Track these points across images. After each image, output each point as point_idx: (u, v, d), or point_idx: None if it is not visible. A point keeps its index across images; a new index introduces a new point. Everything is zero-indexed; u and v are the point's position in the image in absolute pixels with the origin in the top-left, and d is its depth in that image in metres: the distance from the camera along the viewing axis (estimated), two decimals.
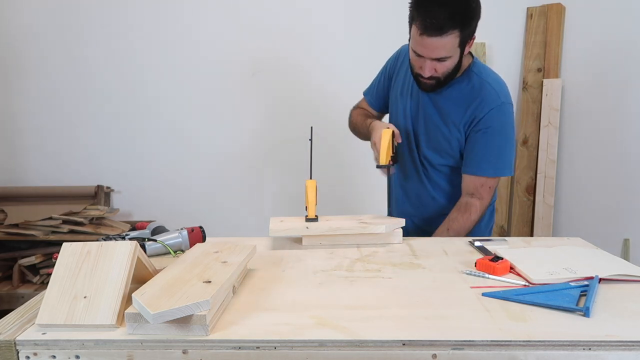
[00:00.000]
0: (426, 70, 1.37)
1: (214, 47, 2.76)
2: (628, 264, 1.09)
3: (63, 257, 0.88)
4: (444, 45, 1.29)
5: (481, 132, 1.43)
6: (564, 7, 2.65)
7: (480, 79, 1.44)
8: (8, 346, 0.77)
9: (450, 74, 1.41)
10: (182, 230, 1.25)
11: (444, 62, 1.35)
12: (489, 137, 1.43)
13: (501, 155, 1.46)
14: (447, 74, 1.39)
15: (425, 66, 1.37)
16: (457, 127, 1.47)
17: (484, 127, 1.43)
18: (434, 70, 1.37)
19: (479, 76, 1.45)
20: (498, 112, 1.41)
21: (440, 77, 1.40)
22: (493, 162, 1.45)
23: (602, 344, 0.76)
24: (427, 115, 1.51)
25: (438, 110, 1.49)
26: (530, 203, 2.77)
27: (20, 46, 2.75)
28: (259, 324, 0.83)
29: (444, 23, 1.26)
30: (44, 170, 2.85)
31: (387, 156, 1.39)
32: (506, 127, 1.44)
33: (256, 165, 2.87)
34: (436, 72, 1.38)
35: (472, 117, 1.43)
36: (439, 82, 1.42)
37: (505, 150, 1.46)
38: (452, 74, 1.41)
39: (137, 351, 0.77)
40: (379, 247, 1.29)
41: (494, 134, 1.43)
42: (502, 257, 1.09)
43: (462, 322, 0.83)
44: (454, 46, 1.31)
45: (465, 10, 1.29)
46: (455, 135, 1.48)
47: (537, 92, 2.71)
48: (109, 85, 2.79)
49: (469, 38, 1.35)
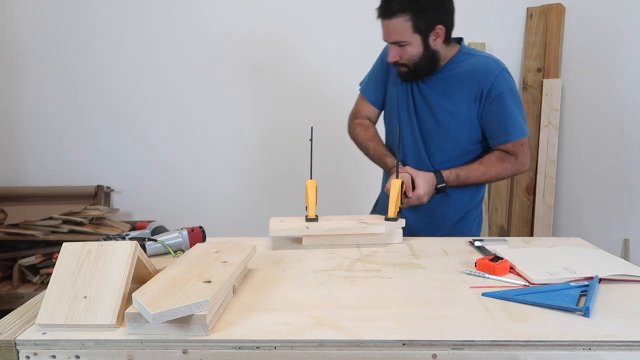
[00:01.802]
0: (390, 55, 1.45)
1: (214, 47, 2.76)
2: (628, 264, 1.09)
3: (63, 257, 0.88)
4: (395, 28, 1.39)
5: (496, 101, 1.46)
6: (564, 7, 2.65)
7: (475, 55, 1.51)
8: (8, 346, 0.77)
9: (423, 64, 1.45)
10: (182, 230, 1.25)
11: (404, 47, 1.42)
12: (504, 102, 1.46)
13: (520, 116, 1.50)
14: (415, 62, 1.44)
15: (390, 51, 1.45)
16: (467, 103, 1.48)
17: (496, 94, 1.45)
18: (398, 56, 1.44)
19: (472, 54, 1.51)
20: (503, 77, 1.46)
21: (408, 65, 1.45)
22: (516, 124, 1.48)
23: (602, 344, 0.75)
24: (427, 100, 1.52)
25: (441, 94, 1.50)
26: (530, 203, 2.77)
27: (20, 46, 2.75)
28: (259, 324, 0.83)
29: (391, 7, 1.38)
30: (44, 170, 2.85)
31: (396, 209, 1.36)
32: (514, 90, 1.49)
33: (256, 165, 2.87)
34: (401, 59, 1.45)
35: (481, 89, 1.46)
36: (411, 72, 1.47)
37: (521, 110, 1.51)
38: (425, 64, 1.45)
39: (137, 351, 0.77)
40: (379, 247, 1.29)
41: (507, 98, 1.46)
42: (502, 257, 1.09)
43: (462, 322, 0.83)
44: (406, 30, 1.39)
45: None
46: (464, 114, 1.48)
47: (537, 92, 2.71)
48: (109, 86, 2.79)
49: (428, 26, 1.40)
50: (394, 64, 1.48)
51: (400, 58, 1.44)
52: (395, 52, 1.44)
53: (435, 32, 1.41)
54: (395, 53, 1.44)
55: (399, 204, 1.35)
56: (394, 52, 1.44)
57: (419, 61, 1.44)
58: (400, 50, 1.43)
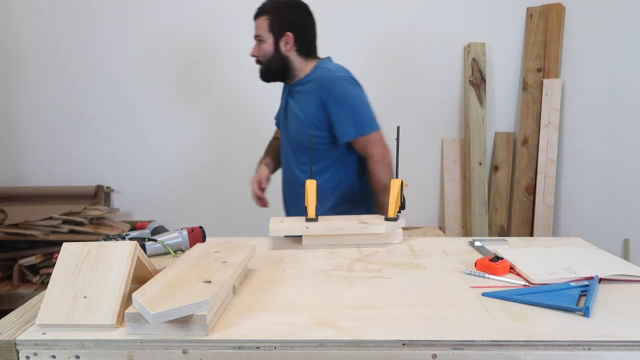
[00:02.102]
0: (252, 50, 1.71)
1: (214, 47, 2.76)
2: (628, 264, 1.09)
3: (63, 257, 0.88)
4: (258, 25, 1.68)
5: (330, 104, 1.61)
6: (564, 7, 2.65)
7: (321, 68, 1.68)
8: (8, 346, 0.77)
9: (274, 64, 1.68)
10: (182, 230, 1.25)
11: (261, 44, 1.68)
12: (338, 105, 1.61)
13: (356, 116, 1.62)
14: (268, 60, 1.68)
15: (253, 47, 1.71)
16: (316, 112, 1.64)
17: (332, 99, 1.61)
18: (256, 51, 1.70)
19: (321, 67, 1.69)
20: (336, 83, 1.62)
21: (263, 62, 1.70)
22: (351, 124, 1.62)
23: (602, 344, 0.75)
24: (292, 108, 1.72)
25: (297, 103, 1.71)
26: (530, 203, 2.77)
27: (20, 46, 2.75)
28: (259, 324, 0.83)
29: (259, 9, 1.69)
30: (44, 170, 2.85)
31: (396, 209, 1.36)
32: (349, 93, 1.63)
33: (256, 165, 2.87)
34: (258, 54, 1.69)
35: (321, 97, 1.62)
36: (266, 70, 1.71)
37: (357, 110, 1.63)
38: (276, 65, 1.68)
39: (137, 351, 0.77)
40: (379, 247, 1.29)
41: (340, 101, 1.61)
42: (502, 257, 1.09)
43: (462, 322, 0.83)
44: (264, 29, 1.66)
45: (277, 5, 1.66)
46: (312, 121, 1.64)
47: (537, 92, 2.72)
48: (109, 86, 2.79)
49: (280, 30, 1.65)
50: (256, 60, 1.71)
51: (257, 53, 1.69)
52: (255, 47, 1.70)
53: (286, 38, 1.65)
54: (255, 48, 1.70)
55: (399, 203, 1.36)
56: (254, 47, 1.71)
57: (270, 60, 1.68)
58: (258, 46, 1.69)
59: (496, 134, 2.83)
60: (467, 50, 2.74)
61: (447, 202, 2.87)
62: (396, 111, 2.78)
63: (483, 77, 2.73)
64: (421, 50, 2.77)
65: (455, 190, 2.87)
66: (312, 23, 1.73)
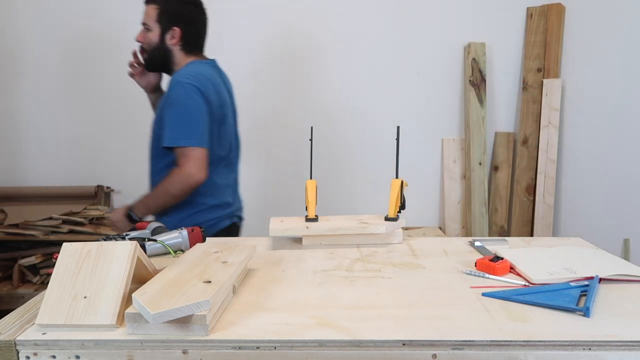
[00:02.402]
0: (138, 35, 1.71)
1: (213, 47, 2.76)
2: (628, 264, 1.09)
3: (63, 257, 0.88)
4: (147, 12, 1.68)
5: (163, 105, 1.62)
6: (564, 7, 2.65)
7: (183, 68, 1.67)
8: (8, 346, 0.77)
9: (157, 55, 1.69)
10: (182, 230, 1.25)
11: (147, 32, 1.68)
12: (168, 108, 1.59)
13: (178, 125, 1.56)
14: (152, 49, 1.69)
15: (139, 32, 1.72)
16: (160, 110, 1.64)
17: (167, 101, 1.61)
18: (142, 37, 1.70)
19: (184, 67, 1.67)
20: (174, 86, 1.60)
21: (147, 50, 1.71)
22: (170, 131, 1.57)
23: (602, 344, 0.75)
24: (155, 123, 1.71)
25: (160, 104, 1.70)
26: (530, 203, 2.77)
27: (20, 46, 2.75)
28: (259, 324, 0.83)
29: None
30: (44, 170, 2.85)
31: (396, 209, 1.35)
32: (181, 100, 1.57)
33: (256, 164, 2.87)
34: (143, 41, 1.70)
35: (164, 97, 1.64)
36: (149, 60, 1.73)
37: (181, 119, 1.57)
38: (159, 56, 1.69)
39: (137, 351, 0.77)
40: (379, 247, 1.29)
41: (171, 105, 1.59)
42: (502, 257, 1.09)
43: (462, 322, 0.83)
44: (152, 18, 1.66)
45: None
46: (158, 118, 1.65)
47: (537, 92, 2.72)
48: (109, 85, 2.79)
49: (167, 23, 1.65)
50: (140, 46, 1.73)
51: (142, 40, 1.70)
52: (141, 33, 1.71)
53: (172, 32, 1.65)
54: (141, 33, 1.71)
55: (399, 203, 1.36)
56: (140, 33, 1.71)
57: (154, 50, 1.69)
58: (144, 33, 1.70)
59: (496, 134, 2.83)
60: (467, 50, 2.74)
61: (447, 202, 2.87)
62: (396, 111, 2.78)
63: (483, 77, 2.73)
64: (421, 50, 2.77)
65: (455, 190, 2.87)
66: (203, 21, 1.71)
